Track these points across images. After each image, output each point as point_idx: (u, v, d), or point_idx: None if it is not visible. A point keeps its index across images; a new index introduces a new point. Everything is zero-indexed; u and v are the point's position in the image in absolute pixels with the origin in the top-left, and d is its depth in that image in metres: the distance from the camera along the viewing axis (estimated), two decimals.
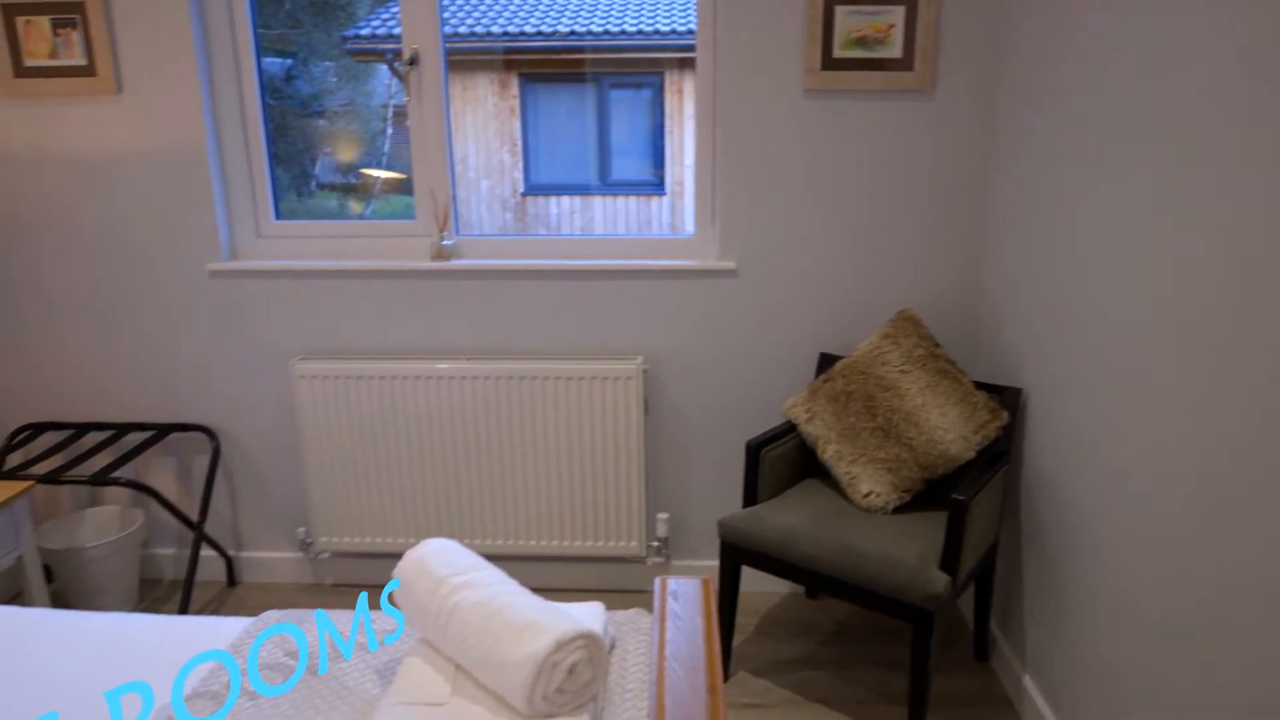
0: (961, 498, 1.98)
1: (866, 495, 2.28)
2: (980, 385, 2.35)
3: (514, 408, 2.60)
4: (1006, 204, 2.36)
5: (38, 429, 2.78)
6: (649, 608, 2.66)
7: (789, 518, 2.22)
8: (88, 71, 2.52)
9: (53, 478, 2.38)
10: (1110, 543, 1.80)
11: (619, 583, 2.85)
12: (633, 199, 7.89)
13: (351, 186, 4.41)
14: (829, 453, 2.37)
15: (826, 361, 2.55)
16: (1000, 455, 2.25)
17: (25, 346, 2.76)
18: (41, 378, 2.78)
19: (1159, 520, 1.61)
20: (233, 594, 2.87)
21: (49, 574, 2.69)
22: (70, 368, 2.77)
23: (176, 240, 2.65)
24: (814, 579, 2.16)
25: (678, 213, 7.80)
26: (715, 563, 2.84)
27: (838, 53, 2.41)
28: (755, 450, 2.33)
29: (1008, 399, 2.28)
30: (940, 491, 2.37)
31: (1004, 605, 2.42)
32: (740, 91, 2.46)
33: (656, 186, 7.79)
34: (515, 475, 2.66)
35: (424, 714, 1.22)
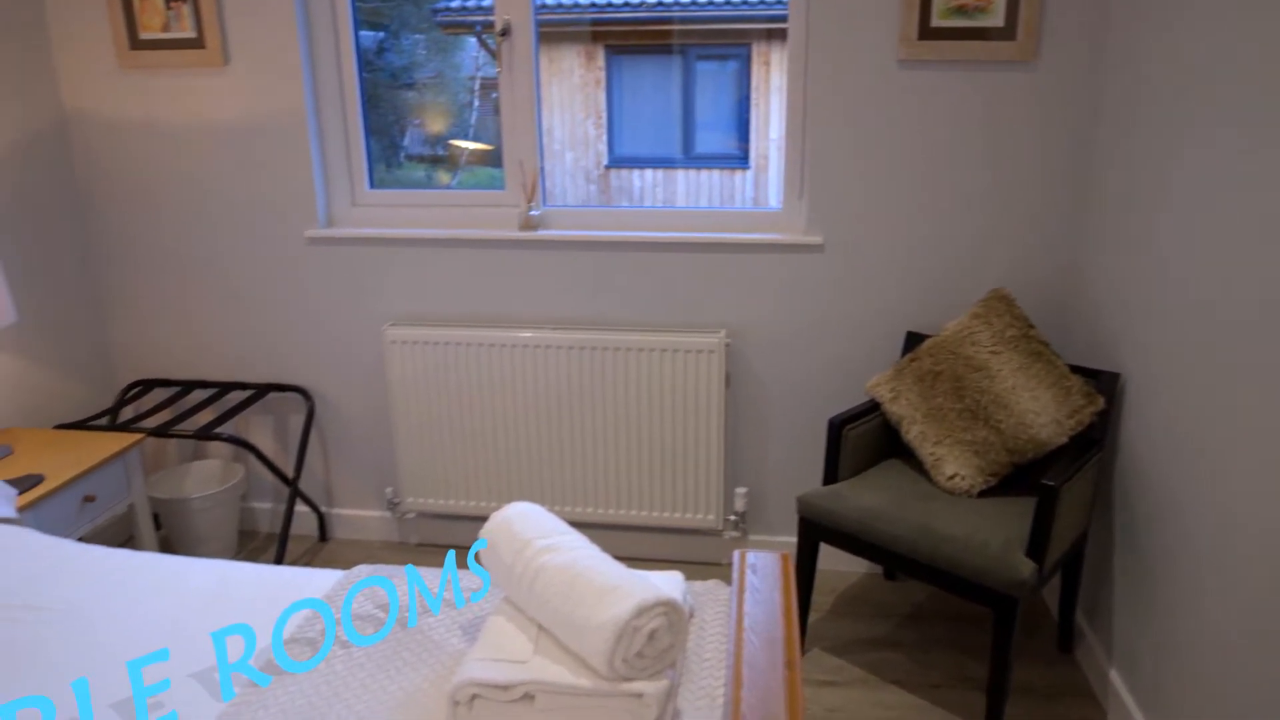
0: (1052, 484, 1.93)
1: (951, 478, 2.24)
2: (1075, 369, 2.27)
3: (596, 378, 2.63)
4: (1112, 183, 2.26)
5: (147, 385, 2.93)
6: (724, 580, 2.67)
7: (870, 497, 2.20)
8: (197, 44, 2.62)
9: (161, 431, 2.52)
10: (1208, 537, 1.73)
11: (694, 555, 2.87)
12: (716, 172, 7.82)
13: (438, 158, 4.49)
14: (913, 433, 2.33)
15: (913, 340, 2.50)
16: (1094, 442, 2.18)
17: (137, 308, 2.91)
18: (151, 337, 2.94)
19: (1261, 516, 1.54)
20: (324, 548, 2.99)
21: (157, 522, 2.84)
22: (178, 328, 2.91)
23: (277, 207, 2.74)
24: (893, 559, 2.14)
25: (761, 187, 7.71)
26: (792, 539, 2.83)
27: (936, 21, 2.33)
28: (837, 428, 2.31)
29: (1104, 384, 2.20)
30: (1028, 477, 2.31)
31: (1091, 596, 2.35)
32: (832, 62, 2.41)
33: (740, 160, 7.71)
34: (596, 444, 2.70)
35: (508, 670, 1.26)
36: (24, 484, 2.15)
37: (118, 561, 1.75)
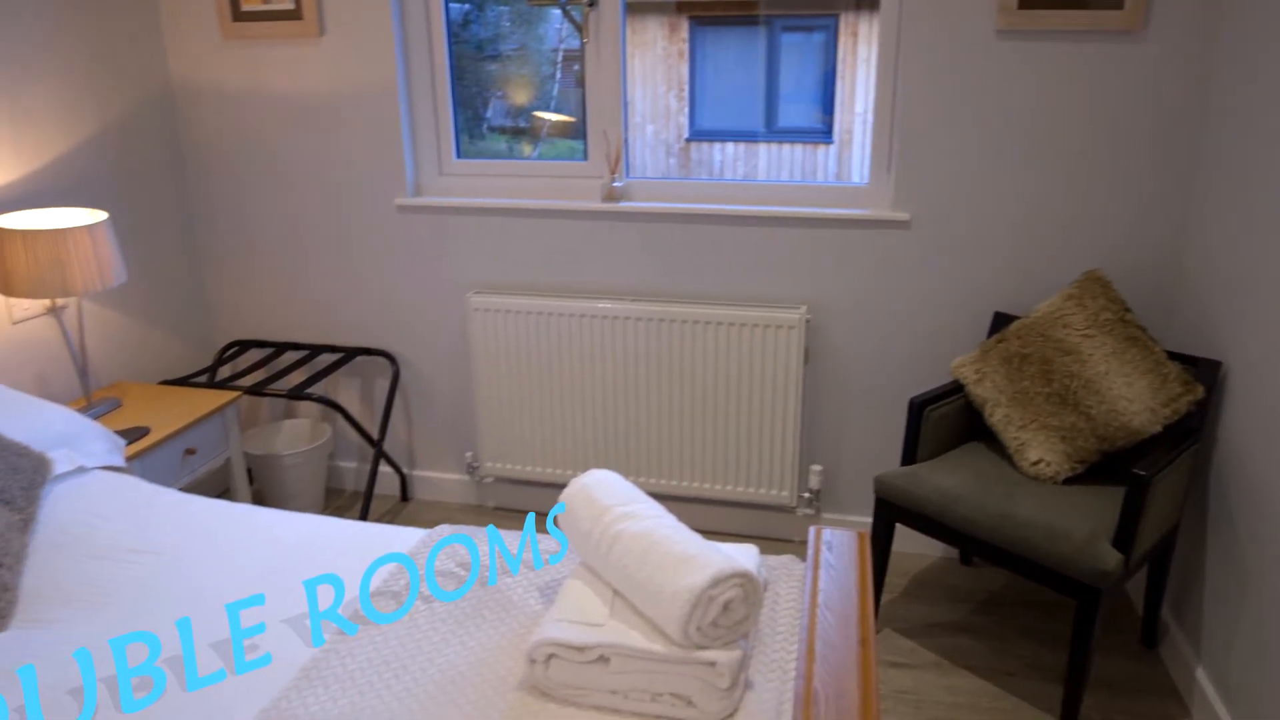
0: (1144, 474, 1.87)
1: (1035, 463, 2.18)
2: (1173, 355, 2.18)
3: (675, 350, 2.64)
4: (1222, 163, 2.15)
5: (244, 346, 3.06)
6: (798, 556, 2.67)
7: (949, 479, 2.16)
8: (295, 15, 2.69)
9: (256, 390, 2.63)
10: None
11: (767, 530, 2.87)
12: (798, 146, 7.70)
13: (520, 129, 4.53)
14: (997, 416, 2.27)
15: (1001, 321, 2.44)
16: (1190, 432, 2.09)
17: (236, 271, 3.04)
18: (248, 300, 3.06)
19: None
20: (405, 508, 3.09)
21: (250, 476, 2.98)
22: (272, 292, 3.03)
23: (368, 176, 2.82)
24: (972, 544, 2.10)
25: (844, 162, 7.56)
26: (865, 519, 2.80)
27: None
28: (918, 408, 2.27)
29: (1204, 372, 2.11)
30: (1118, 465, 2.24)
31: (1180, 592, 2.27)
32: (926, 32, 2.35)
33: (824, 134, 7.57)
34: (672, 416, 2.71)
35: (584, 633, 1.29)
36: (132, 435, 2.27)
37: (217, 511, 1.85)
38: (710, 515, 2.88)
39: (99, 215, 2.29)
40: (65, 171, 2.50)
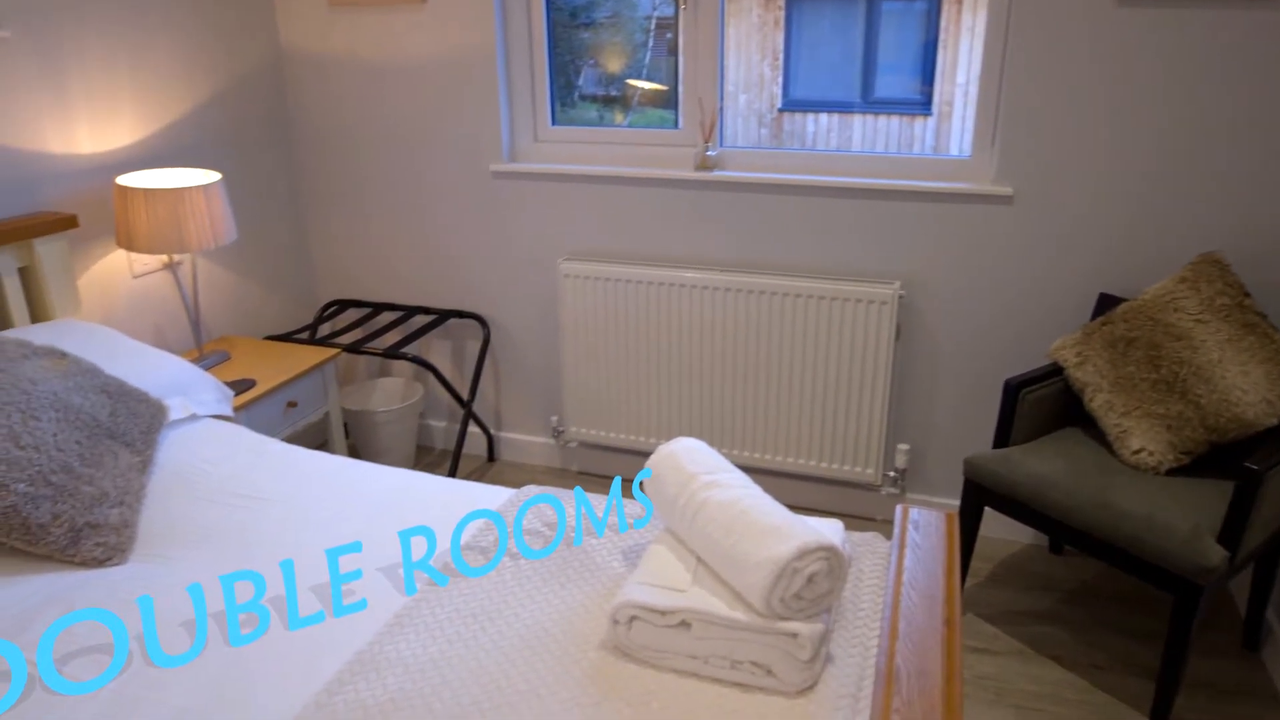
0: (1256, 468, 1.78)
1: (1137, 452, 2.10)
2: None
3: (763, 322, 2.62)
4: None
5: (342, 305, 3.17)
6: (882, 534, 2.64)
7: (1044, 464, 2.10)
8: None
9: (354, 348, 2.72)
10: None
11: (848, 507, 2.84)
12: (894, 119, 7.48)
13: (612, 98, 4.52)
14: (1097, 401, 2.19)
15: (1107, 303, 2.34)
16: None
17: (337, 233, 3.14)
18: (348, 261, 3.16)
19: None
20: (491, 468, 3.17)
21: (345, 431, 3.10)
22: (371, 254, 3.12)
23: (465, 142, 2.86)
24: (1065, 532, 2.04)
25: (943, 135, 7.32)
26: (951, 501, 2.75)
27: None
28: (1014, 390, 2.20)
29: None
30: (1226, 458, 2.13)
31: None
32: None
33: (923, 106, 7.34)
34: (758, 388, 2.70)
35: (667, 597, 1.30)
36: (239, 387, 2.39)
37: (317, 462, 1.93)
38: (792, 490, 2.87)
39: (213, 176, 2.39)
40: (182, 134, 2.62)
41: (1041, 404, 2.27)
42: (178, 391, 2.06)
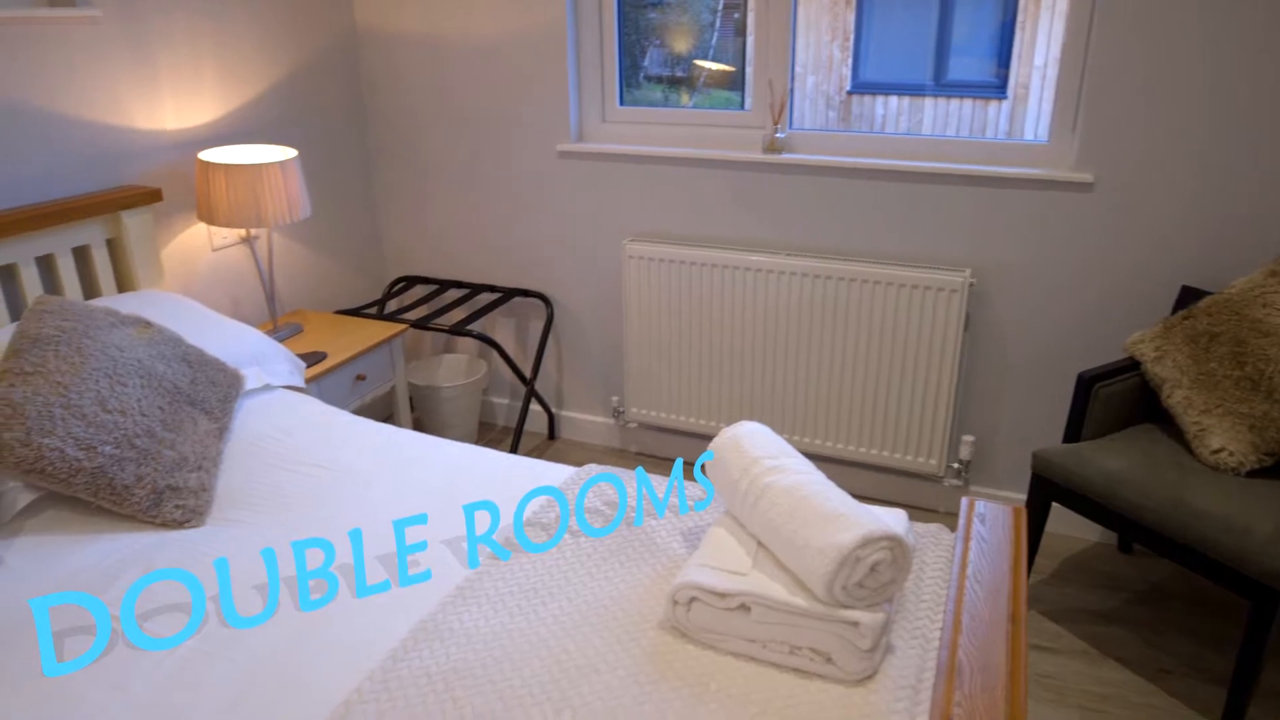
0: None
1: (1216, 451, 2.03)
2: None
3: (829, 308, 2.59)
4: None
5: (410, 282, 3.22)
6: (945, 526, 2.61)
7: (1116, 461, 2.04)
8: None
9: (421, 324, 2.77)
10: None
11: (910, 498, 2.80)
12: (967, 102, 7.28)
13: (677, 79, 4.49)
14: (1176, 398, 2.12)
15: (1189, 296, 2.25)
16: None
17: (406, 210, 3.19)
18: (416, 238, 3.21)
19: None
20: (551, 446, 3.20)
21: (410, 405, 3.15)
22: (438, 231, 3.17)
23: (533, 121, 2.88)
24: (1135, 531, 1.98)
25: (1018, 119, 7.10)
26: (1016, 495, 2.69)
27: None
28: (1088, 384, 2.14)
29: None
30: None
31: None
32: None
33: (997, 89, 7.12)
34: (821, 375, 2.67)
35: (727, 580, 1.30)
36: (311, 359, 2.45)
37: (385, 434, 1.97)
38: (852, 478, 2.84)
39: (289, 152, 2.45)
40: (260, 111, 2.68)
41: (1115, 399, 2.21)
42: (253, 362, 2.12)
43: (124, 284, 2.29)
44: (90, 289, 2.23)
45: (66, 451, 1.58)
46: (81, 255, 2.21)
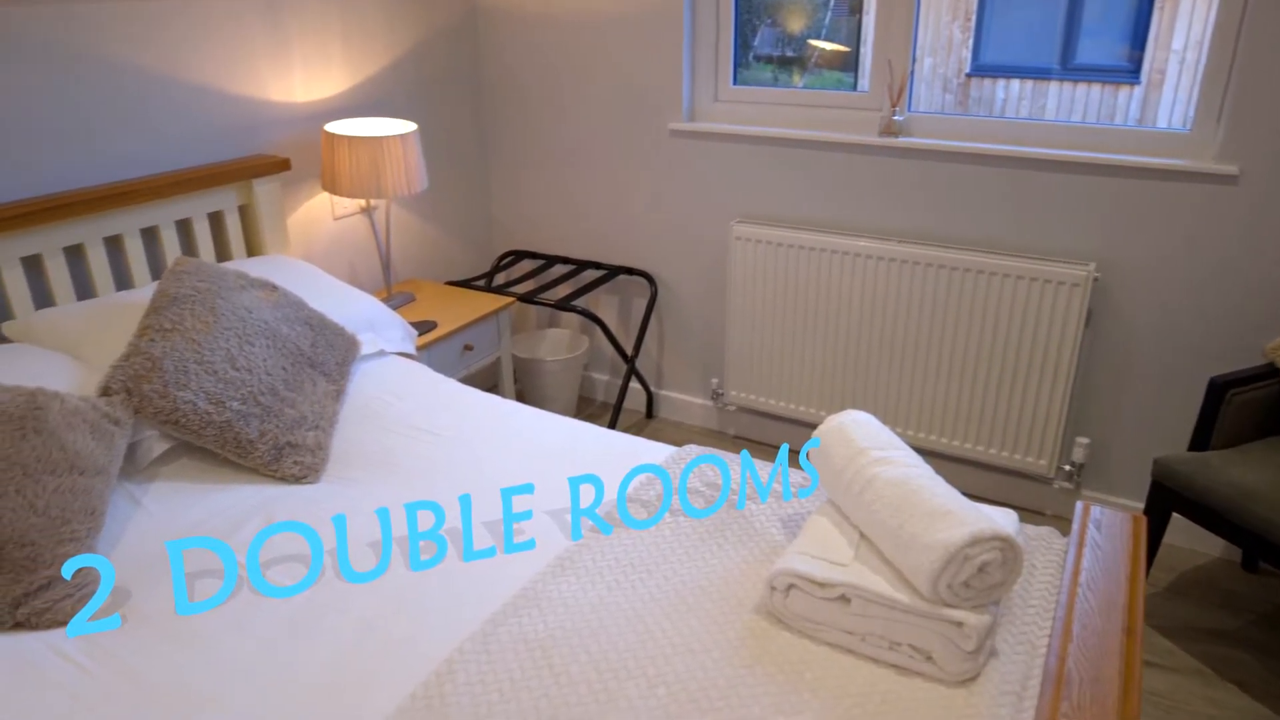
0: None
1: None
2: None
3: (940, 297, 2.52)
4: None
5: (518, 256, 3.28)
6: (1057, 531, 2.51)
7: (1247, 473, 1.92)
8: None
9: (528, 298, 2.82)
10: None
11: (1015, 498, 2.71)
12: (1096, 87, 6.91)
13: (787, 59, 4.41)
14: None
15: None
16: None
17: (517, 185, 3.24)
18: (525, 213, 3.26)
19: None
20: (649, 424, 3.22)
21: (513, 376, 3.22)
22: (547, 207, 3.21)
23: (646, 99, 2.88)
24: (1264, 548, 1.87)
25: (1150, 106, 6.70)
26: (1132, 502, 2.56)
27: None
28: (1220, 389, 2.02)
29: None
30: None
31: None
32: None
33: (1130, 74, 6.73)
34: (929, 366, 2.60)
35: (827, 570, 1.29)
36: (422, 328, 2.53)
37: (490, 404, 2.02)
38: (956, 474, 2.76)
39: (409, 126, 2.52)
40: (383, 85, 2.76)
41: (1249, 407, 2.08)
42: (369, 328, 2.20)
43: (253, 248, 2.41)
44: (222, 252, 2.36)
45: (198, 405, 1.67)
46: (216, 220, 2.33)
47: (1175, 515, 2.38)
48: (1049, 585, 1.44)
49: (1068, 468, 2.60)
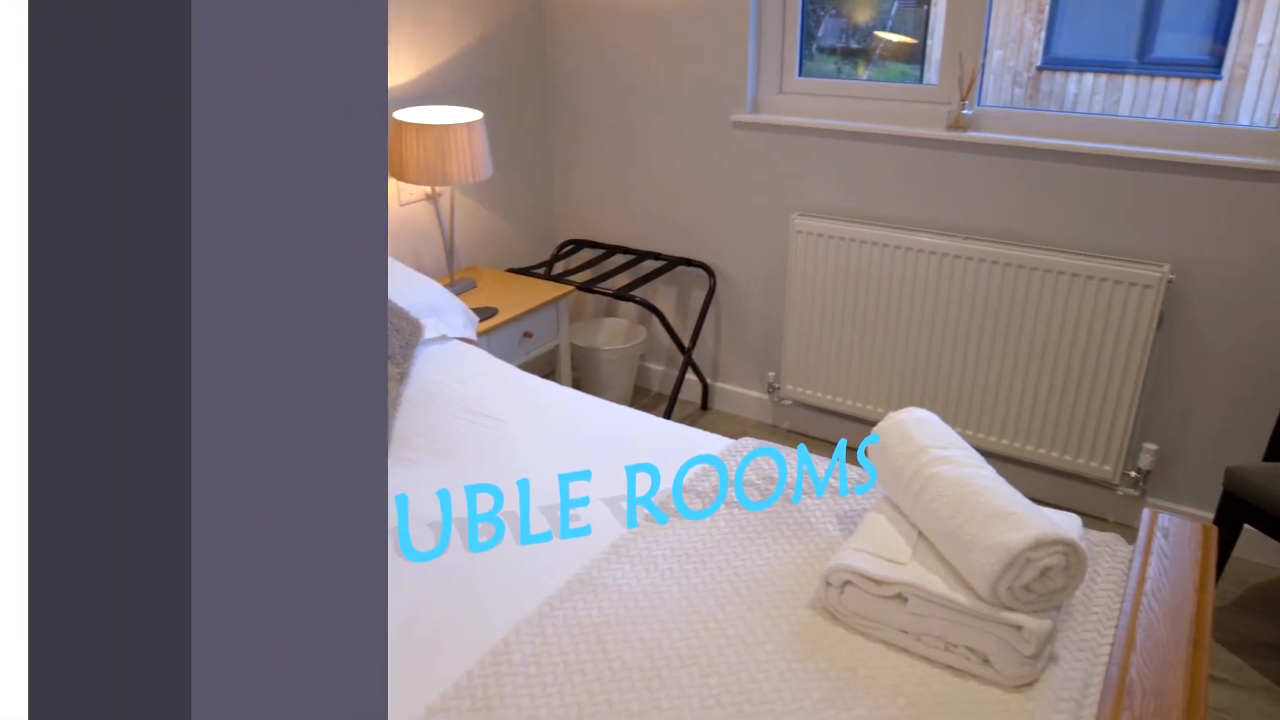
0: None
1: None
2: None
3: (1006, 296, 2.47)
4: None
5: (577, 245, 3.30)
6: (1121, 537, 2.45)
7: None
8: None
9: (587, 287, 2.84)
10: None
11: (1077, 503, 2.65)
12: (1174, 82, 6.68)
13: (851, 50, 4.35)
14: None
15: None
16: None
17: (578, 174, 3.26)
18: (585, 202, 3.28)
19: None
20: (704, 416, 3.22)
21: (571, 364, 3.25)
22: (608, 196, 3.22)
23: (709, 90, 2.87)
24: None
25: (1232, 102, 6.44)
26: (1200, 512, 2.49)
27: None
28: None
29: None
30: None
31: None
32: None
33: (1211, 69, 6.49)
34: (990, 366, 2.56)
35: (884, 567, 1.28)
36: (483, 314, 2.56)
37: (549, 391, 2.05)
38: (1017, 476, 2.71)
39: (475, 114, 2.55)
40: (450, 74, 2.80)
41: None
42: (432, 313, 2.24)
43: None
44: None
45: None
46: None
47: (1246, 527, 2.31)
48: (1112, 592, 1.42)
49: (1133, 474, 2.54)
